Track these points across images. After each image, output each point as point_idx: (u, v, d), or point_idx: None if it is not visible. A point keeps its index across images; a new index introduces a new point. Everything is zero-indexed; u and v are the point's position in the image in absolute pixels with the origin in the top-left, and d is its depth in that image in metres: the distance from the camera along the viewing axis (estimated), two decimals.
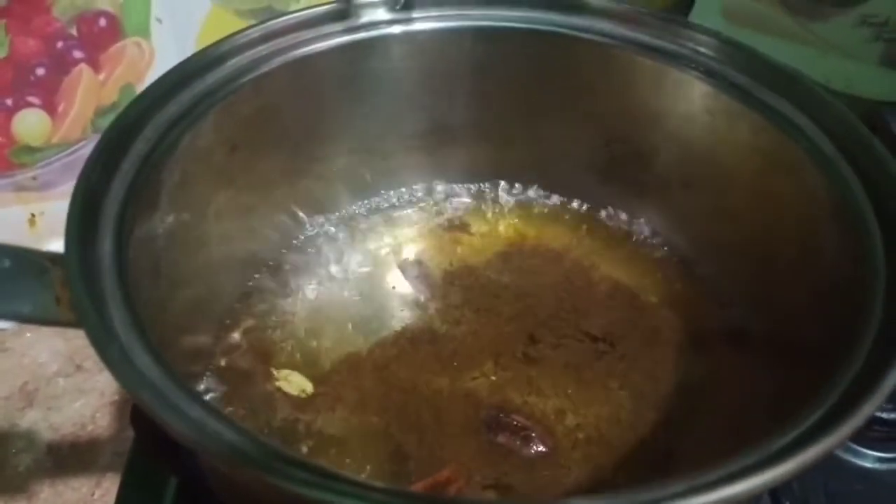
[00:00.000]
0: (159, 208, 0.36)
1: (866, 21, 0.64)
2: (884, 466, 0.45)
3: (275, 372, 0.42)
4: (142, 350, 0.26)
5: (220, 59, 0.40)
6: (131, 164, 0.34)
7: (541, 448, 0.39)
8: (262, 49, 0.41)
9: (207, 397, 0.40)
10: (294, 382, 0.42)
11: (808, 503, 0.42)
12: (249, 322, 0.44)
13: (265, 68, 0.41)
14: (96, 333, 0.26)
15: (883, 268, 0.32)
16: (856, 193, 0.35)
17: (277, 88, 0.42)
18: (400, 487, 0.28)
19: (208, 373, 0.41)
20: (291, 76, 0.42)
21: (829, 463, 0.45)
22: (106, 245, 0.30)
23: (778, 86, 0.41)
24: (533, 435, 0.39)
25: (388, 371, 0.42)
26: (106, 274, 0.29)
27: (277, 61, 0.41)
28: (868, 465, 0.45)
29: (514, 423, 0.40)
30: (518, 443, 0.39)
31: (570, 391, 0.42)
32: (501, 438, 0.39)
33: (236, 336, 0.43)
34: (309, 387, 0.41)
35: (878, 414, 0.46)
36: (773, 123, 0.40)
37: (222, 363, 0.42)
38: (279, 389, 0.41)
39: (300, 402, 0.41)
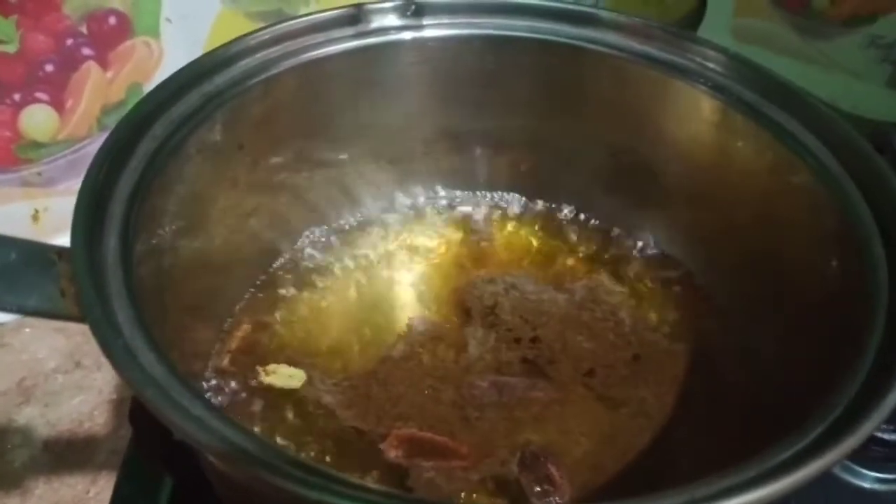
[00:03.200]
0: (165, 207, 0.36)
1: (874, 42, 0.64)
2: (883, 487, 0.45)
3: (267, 368, 0.41)
4: (145, 347, 0.26)
5: (230, 60, 0.40)
6: (139, 161, 0.34)
7: None
8: (272, 51, 0.41)
9: (207, 396, 0.40)
10: (282, 374, 0.41)
11: None
12: (250, 322, 0.44)
13: (274, 70, 0.41)
14: (101, 329, 0.26)
15: (886, 284, 0.32)
16: (860, 211, 0.36)
17: (286, 91, 0.42)
18: (397, 491, 0.28)
19: (208, 372, 0.41)
20: (300, 79, 0.42)
21: (829, 482, 0.44)
22: (112, 241, 0.30)
23: (785, 103, 0.41)
24: (553, 495, 0.37)
25: (396, 374, 0.42)
26: (111, 270, 0.29)
27: (287, 64, 0.41)
28: (867, 485, 0.45)
29: (546, 472, 0.37)
30: (536, 490, 0.37)
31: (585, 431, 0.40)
32: (524, 478, 0.37)
33: (236, 336, 0.43)
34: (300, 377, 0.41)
35: (878, 434, 0.45)
36: (781, 141, 0.40)
37: (223, 363, 0.42)
38: (270, 385, 0.41)
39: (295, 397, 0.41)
